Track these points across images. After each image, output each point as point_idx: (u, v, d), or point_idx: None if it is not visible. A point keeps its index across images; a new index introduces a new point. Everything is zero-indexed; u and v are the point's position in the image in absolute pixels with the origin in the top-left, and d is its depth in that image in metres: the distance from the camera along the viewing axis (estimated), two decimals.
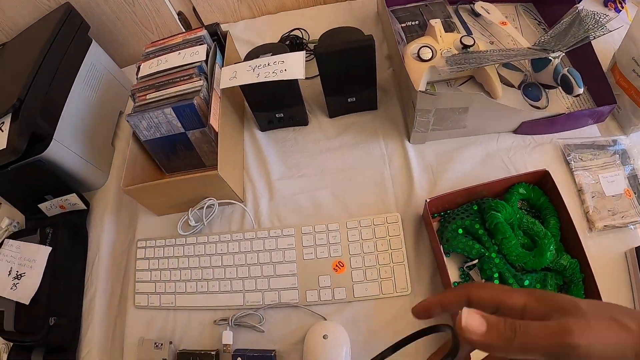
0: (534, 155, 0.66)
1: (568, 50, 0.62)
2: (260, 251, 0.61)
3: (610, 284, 0.54)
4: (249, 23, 0.91)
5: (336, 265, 0.59)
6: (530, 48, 0.66)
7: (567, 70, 0.62)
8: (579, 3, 0.85)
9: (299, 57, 0.58)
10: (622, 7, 0.87)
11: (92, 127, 0.75)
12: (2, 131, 0.64)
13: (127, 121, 0.64)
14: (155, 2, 0.83)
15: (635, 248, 0.55)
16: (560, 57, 0.63)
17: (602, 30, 0.62)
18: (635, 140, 0.67)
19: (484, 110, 0.62)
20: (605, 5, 0.91)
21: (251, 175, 0.69)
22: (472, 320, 0.25)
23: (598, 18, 0.64)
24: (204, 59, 0.64)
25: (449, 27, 0.76)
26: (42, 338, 0.62)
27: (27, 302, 0.63)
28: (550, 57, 0.63)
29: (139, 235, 0.69)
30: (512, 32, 0.75)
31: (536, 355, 0.23)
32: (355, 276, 0.58)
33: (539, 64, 0.66)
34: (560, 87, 0.64)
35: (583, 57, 0.70)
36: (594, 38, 0.62)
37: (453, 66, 0.62)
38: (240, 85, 0.61)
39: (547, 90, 0.71)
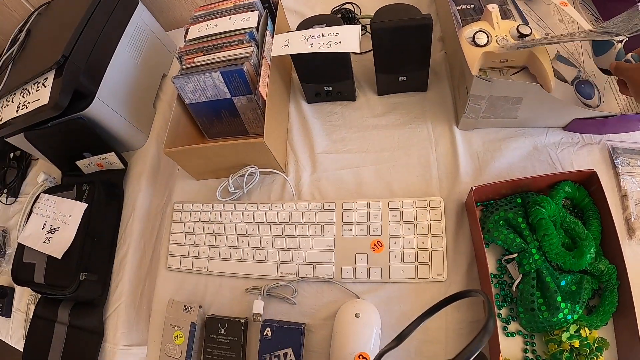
0: (581, 154, 0.64)
1: (632, 35, 0.57)
2: (298, 223, 0.61)
3: None
4: None
5: (375, 245, 0.58)
6: (592, 31, 0.63)
7: (631, 55, 0.58)
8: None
9: (355, 30, 0.57)
10: None
11: (134, 88, 0.75)
12: (45, 87, 0.64)
13: (173, 83, 0.63)
14: None
15: None
16: (624, 42, 0.60)
17: None
18: None
19: (537, 102, 0.60)
20: None
21: (295, 146, 0.69)
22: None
23: None
24: (255, 25, 0.63)
25: (504, 14, 0.73)
26: (71, 292, 0.63)
27: (59, 257, 0.64)
28: (613, 41, 0.60)
29: (176, 198, 0.69)
30: (573, 13, 0.72)
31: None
32: (392, 257, 0.57)
33: (601, 47, 0.63)
34: None
35: None
36: None
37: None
38: (291, 55, 0.59)
39: (600, 90, 0.69)
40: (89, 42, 0.68)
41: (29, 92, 0.66)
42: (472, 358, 0.33)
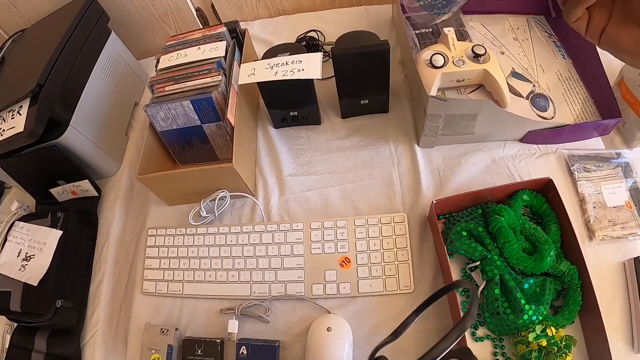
0: (538, 163, 0.68)
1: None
2: (269, 244, 0.63)
3: (608, 292, 0.56)
4: (266, 22, 0.93)
5: (342, 261, 0.60)
6: None
7: None
8: None
9: (316, 58, 0.60)
10: None
11: (107, 116, 0.76)
12: (20, 115, 0.65)
13: (145, 111, 0.65)
14: None
15: (634, 259, 0.57)
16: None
17: None
18: (639, 154, 0.69)
19: (492, 118, 0.64)
20: None
21: (263, 170, 0.71)
22: None
23: None
24: (223, 55, 0.66)
25: (461, 36, 0.78)
26: (48, 320, 0.63)
27: (35, 284, 0.64)
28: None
29: (150, 224, 0.70)
30: None
31: None
32: (360, 272, 0.60)
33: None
34: None
35: (591, 70, 0.72)
36: None
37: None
38: (257, 83, 0.62)
39: (554, 102, 0.73)
40: (63, 71, 0.69)
41: (3, 119, 0.66)
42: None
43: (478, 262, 0.58)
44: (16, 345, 0.69)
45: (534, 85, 0.75)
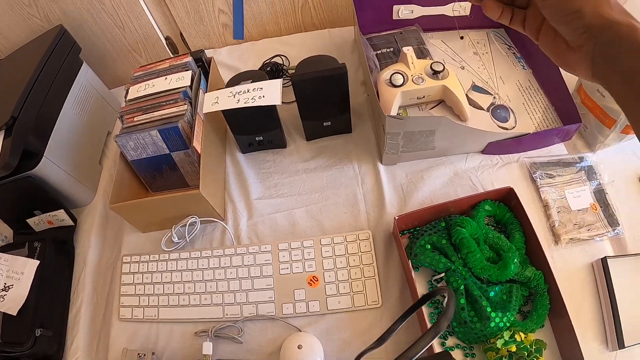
0: (501, 173, 0.70)
1: None
2: (239, 266, 0.64)
3: (578, 293, 0.58)
4: (233, 49, 0.95)
5: (310, 280, 0.62)
6: None
7: None
8: None
9: (276, 84, 0.62)
10: None
11: (81, 146, 0.78)
12: None
13: (116, 141, 0.67)
14: (144, 27, 0.87)
15: (601, 259, 0.59)
16: None
17: None
18: (602, 156, 0.71)
19: (450, 132, 0.66)
20: None
21: (232, 194, 0.73)
22: None
23: None
24: (189, 84, 0.68)
25: (421, 54, 0.80)
26: (28, 349, 0.64)
27: (14, 313, 0.66)
28: None
29: (125, 251, 0.72)
30: None
31: None
32: (328, 290, 0.61)
33: None
34: None
35: (550, 78, 0.74)
36: None
37: None
38: (222, 110, 0.64)
39: (514, 112, 0.75)
40: (36, 103, 0.70)
41: None
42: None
43: (443, 274, 0.60)
44: None
45: (494, 97, 0.77)
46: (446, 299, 0.44)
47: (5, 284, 0.70)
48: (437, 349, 0.57)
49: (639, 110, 0.29)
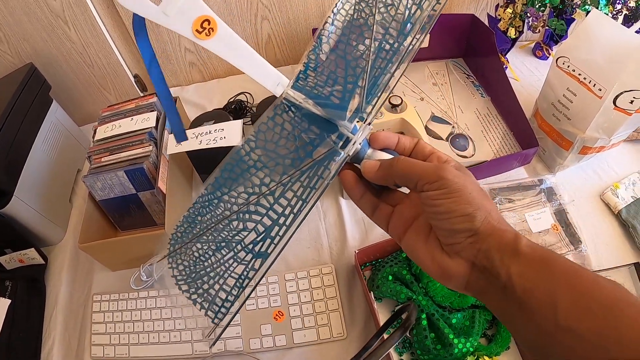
0: None
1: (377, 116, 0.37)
2: None
3: None
4: (200, 86, 0.98)
5: (276, 315, 0.64)
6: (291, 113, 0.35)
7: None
8: (506, 54, 0.95)
9: (237, 125, 0.64)
10: (549, 54, 0.96)
11: (51, 185, 0.79)
12: None
13: (84, 182, 0.68)
14: (112, 65, 0.88)
15: None
16: (366, 135, 0.33)
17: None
18: (562, 177, 0.74)
19: None
20: (534, 53, 1.00)
21: None
22: (368, 164, 0.33)
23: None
24: (154, 125, 0.70)
25: None
26: None
27: None
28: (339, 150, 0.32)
29: (95, 290, 0.73)
30: None
31: (413, 179, 0.30)
32: (294, 324, 0.63)
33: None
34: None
35: (508, 105, 0.77)
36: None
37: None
38: (186, 151, 0.66)
39: (473, 140, 0.79)
40: (6, 142, 0.71)
41: None
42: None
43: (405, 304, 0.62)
44: None
45: (453, 127, 0.80)
46: (409, 311, 0.48)
47: None
48: None
49: (520, 320, 0.27)
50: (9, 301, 0.71)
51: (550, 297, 0.25)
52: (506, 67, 0.94)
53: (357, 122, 0.32)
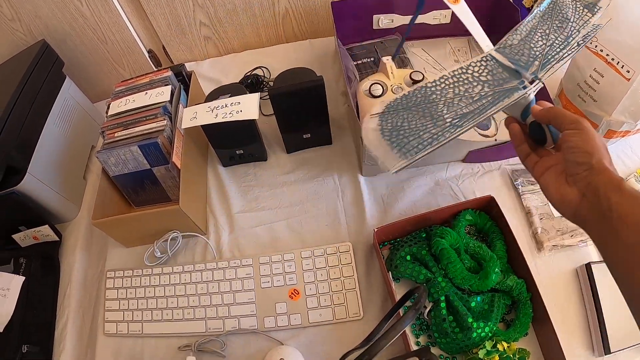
0: (482, 182, 0.70)
1: (549, 74, 0.45)
2: (220, 280, 0.65)
3: (563, 300, 0.58)
4: (215, 61, 0.96)
5: (292, 293, 0.63)
6: (495, 58, 0.47)
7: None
8: None
9: (254, 99, 0.62)
10: None
11: (64, 161, 0.78)
12: None
13: (97, 157, 0.67)
14: (126, 41, 0.87)
15: (585, 265, 0.59)
16: (536, 90, 0.45)
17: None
18: None
19: None
20: None
21: (213, 208, 0.73)
22: (538, 106, 0.45)
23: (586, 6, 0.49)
24: (169, 99, 0.68)
25: (402, 63, 0.81)
26: None
27: (0, 330, 0.66)
28: (522, 88, 0.44)
29: (109, 266, 0.72)
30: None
31: (561, 119, 0.41)
32: (309, 303, 0.62)
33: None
34: (529, 131, 0.47)
35: None
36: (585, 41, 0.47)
37: (392, 144, 0.45)
38: (201, 125, 0.65)
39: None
40: (19, 119, 0.71)
41: None
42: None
43: (424, 285, 0.60)
44: None
45: None
46: (418, 295, 0.47)
47: None
48: None
49: (614, 248, 0.36)
50: (23, 278, 0.70)
51: (638, 223, 0.33)
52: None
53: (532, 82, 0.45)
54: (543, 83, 0.46)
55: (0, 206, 0.70)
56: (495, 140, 0.72)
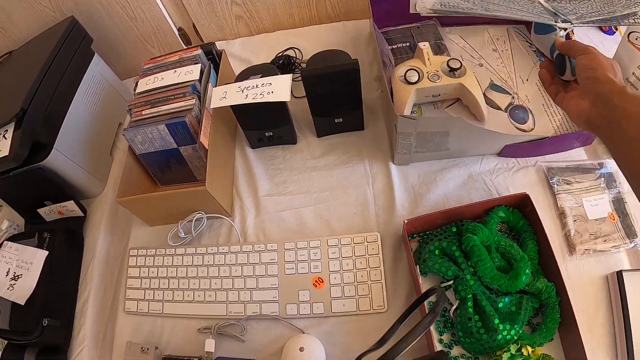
0: (516, 178, 0.67)
1: (582, 25, 0.54)
2: (244, 264, 0.64)
3: (591, 307, 0.56)
4: (246, 41, 0.94)
5: (316, 281, 0.61)
6: (540, 2, 0.57)
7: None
8: None
9: (286, 80, 0.60)
10: (616, 29, 0.87)
11: (91, 137, 0.78)
12: (6, 139, 0.67)
13: (124, 135, 0.67)
14: (156, 18, 0.86)
15: (617, 272, 0.56)
16: (568, 31, 0.54)
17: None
18: None
19: (465, 134, 0.64)
20: (600, 27, 0.92)
21: (240, 190, 0.72)
22: (560, 39, 0.51)
23: None
24: (198, 78, 0.67)
25: (439, 49, 0.77)
26: (35, 338, 0.65)
27: (22, 303, 0.66)
28: (556, 26, 0.54)
29: (132, 244, 0.72)
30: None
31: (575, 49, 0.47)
32: (333, 292, 0.60)
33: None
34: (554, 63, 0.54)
35: None
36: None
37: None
38: (230, 105, 0.63)
39: (533, 114, 0.72)
40: (47, 95, 0.71)
41: None
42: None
43: (451, 282, 0.58)
44: None
45: (513, 97, 0.74)
46: (436, 298, 0.45)
47: (15, 273, 0.71)
48: None
49: (620, 144, 0.41)
50: (46, 253, 0.71)
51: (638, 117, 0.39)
52: (570, 39, 0.86)
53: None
54: (573, 26, 0.54)
55: (26, 181, 0.71)
56: (532, 134, 0.69)
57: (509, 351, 0.52)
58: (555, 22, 0.53)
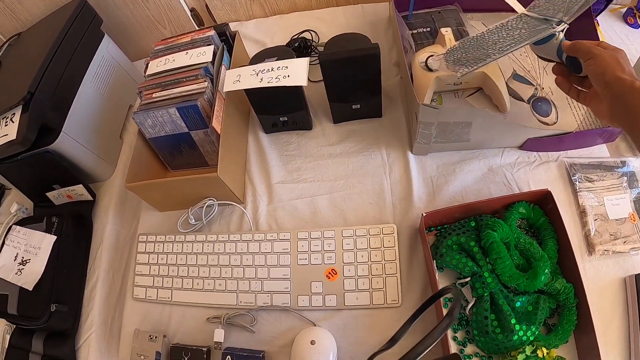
0: (537, 172, 0.65)
1: (572, 20, 0.53)
2: (255, 253, 0.62)
3: (607, 309, 0.54)
4: (260, 22, 0.91)
5: (329, 273, 0.59)
6: (527, 15, 0.57)
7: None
8: (597, 16, 0.83)
9: (303, 63, 0.58)
10: None
11: (101, 120, 0.76)
12: (13, 122, 0.66)
13: (133, 118, 0.65)
14: None
15: (636, 275, 0.54)
16: (564, 30, 0.53)
17: None
18: None
19: (487, 125, 0.61)
20: (625, 19, 0.88)
21: (252, 177, 0.70)
22: (566, 42, 0.51)
23: None
24: (210, 60, 0.65)
25: (460, 36, 0.74)
26: (43, 323, 0.65)
27: (30, 288, 0.66)
28: (554, 31, 0.53)
29: (141, 230, 0.71)
30: None
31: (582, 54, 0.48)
32: (347, 285, 0.59)
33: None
34: (565, 65, 0.54)
35: None
36: None
37: (456, 66, 0.56)
38: (244, 89, 0.61)
39: (557, 107, 0.69)
40: (55, 77, 0.69)
41: None
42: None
43: (468, 278, 0.56)
44: (15, 346, 0.71)
45: (536, 89, 0.71)
46: (453, 300, 0.45)
47: (23, 258, 0.70)
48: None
49: (637, 131, 0.43)
50: (54, 237, 0.70)
51: None
52: (638, 26, 0.83)
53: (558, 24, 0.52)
54: (568, 24, 0.53)
55: (34, 165, 0.70)
56: (555, 128, 0.67)
57: (524, 352, 0.51)
58: (552, 27, 0.53)
